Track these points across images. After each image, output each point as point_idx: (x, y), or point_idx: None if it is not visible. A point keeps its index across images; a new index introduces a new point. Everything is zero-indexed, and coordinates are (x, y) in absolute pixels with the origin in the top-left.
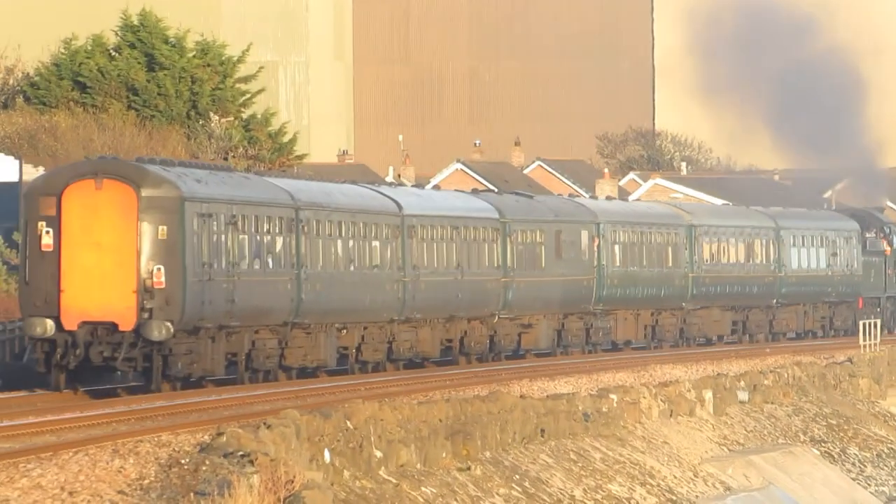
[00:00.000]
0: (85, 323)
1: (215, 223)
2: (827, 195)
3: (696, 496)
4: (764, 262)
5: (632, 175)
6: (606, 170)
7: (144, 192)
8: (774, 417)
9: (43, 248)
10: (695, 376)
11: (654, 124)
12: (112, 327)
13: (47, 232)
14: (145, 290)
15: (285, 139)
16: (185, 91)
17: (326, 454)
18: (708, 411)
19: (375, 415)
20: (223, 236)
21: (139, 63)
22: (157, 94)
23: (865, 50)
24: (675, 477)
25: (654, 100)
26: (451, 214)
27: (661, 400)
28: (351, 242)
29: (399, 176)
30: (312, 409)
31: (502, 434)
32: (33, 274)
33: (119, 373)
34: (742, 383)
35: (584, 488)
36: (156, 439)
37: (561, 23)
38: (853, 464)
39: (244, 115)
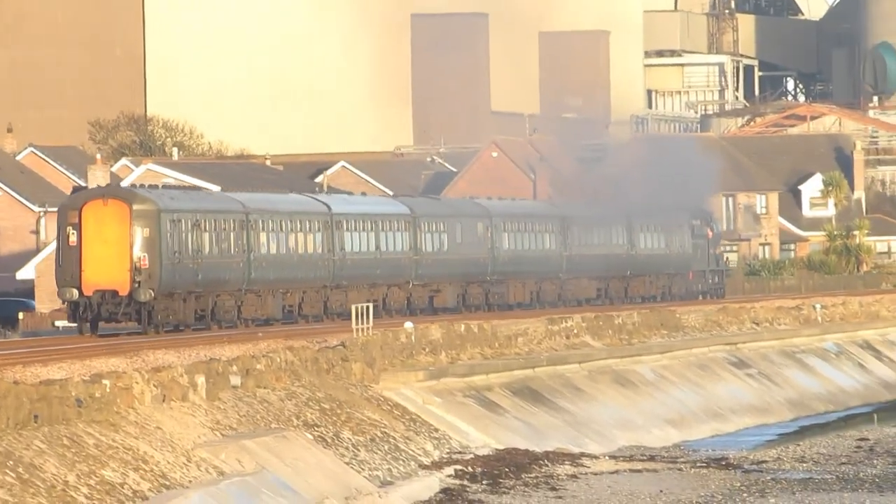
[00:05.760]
0: (97, 291)
1: (183, 225)
2: (319, 179)
3: (190, 481)
4: (620, 243)
5: (124, 161)
6: (99, 156)
7: (135, 207)
8: (267, 402)
9: (70, 244)
10: (188, 361)
11: (146, 110)
12: (115, 293)
13: (73, 233)
14: (136, 269)
15: None
16: None
17: None
18: (201, 396)
19: None
20: (189, 234)
21: None
22: None
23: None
24: (169, 462)
25: (145, 86)
26: (370, 212)
27: (154, 385)
28: (290, 234)
29: None
30: None
31: None
32: (64, 260)
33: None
34: (235, 368)
35: (77, 473)
36: None
37: (51, 10)
38: (347, 448)
39: None
